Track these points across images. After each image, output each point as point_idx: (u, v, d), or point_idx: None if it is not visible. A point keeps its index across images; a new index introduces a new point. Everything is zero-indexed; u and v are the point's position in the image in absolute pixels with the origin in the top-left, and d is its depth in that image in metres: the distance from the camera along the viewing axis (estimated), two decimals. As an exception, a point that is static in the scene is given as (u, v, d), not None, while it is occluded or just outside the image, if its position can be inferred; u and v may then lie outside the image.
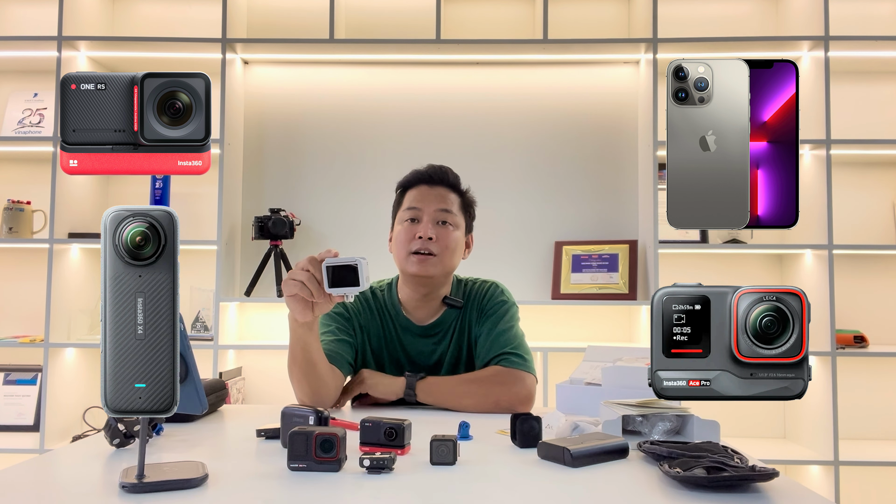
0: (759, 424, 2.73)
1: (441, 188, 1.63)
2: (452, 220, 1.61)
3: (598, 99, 2.83)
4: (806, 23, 2.60)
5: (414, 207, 1.60)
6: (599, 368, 1.41)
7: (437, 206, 1.60)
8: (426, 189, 1.62)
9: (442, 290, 1.64)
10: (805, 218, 2.60)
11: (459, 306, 1.64)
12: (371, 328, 1.64)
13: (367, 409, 1.55)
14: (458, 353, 1.64)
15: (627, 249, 2.66)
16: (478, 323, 1.64)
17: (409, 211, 1.61)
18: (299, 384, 1.45)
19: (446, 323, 1.64)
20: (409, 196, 1.64)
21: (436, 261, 1.57)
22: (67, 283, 2.61)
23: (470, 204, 1.69)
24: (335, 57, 2.79)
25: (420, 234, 1.57)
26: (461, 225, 1.64)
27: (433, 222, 1.59)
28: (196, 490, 0.89)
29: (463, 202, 1.66)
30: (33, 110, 2.78)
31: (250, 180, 2.83)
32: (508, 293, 1.70)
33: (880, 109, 2.77)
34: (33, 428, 2.62)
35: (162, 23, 2.87)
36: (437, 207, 1.60)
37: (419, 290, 1.62)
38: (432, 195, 1.61)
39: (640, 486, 0.93)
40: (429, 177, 1.63)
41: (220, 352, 2.53)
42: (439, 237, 1.58)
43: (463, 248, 1.66)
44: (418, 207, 1.60)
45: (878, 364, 2.69)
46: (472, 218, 1.70)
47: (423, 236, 1.57)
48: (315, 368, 1.43)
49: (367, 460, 0.97)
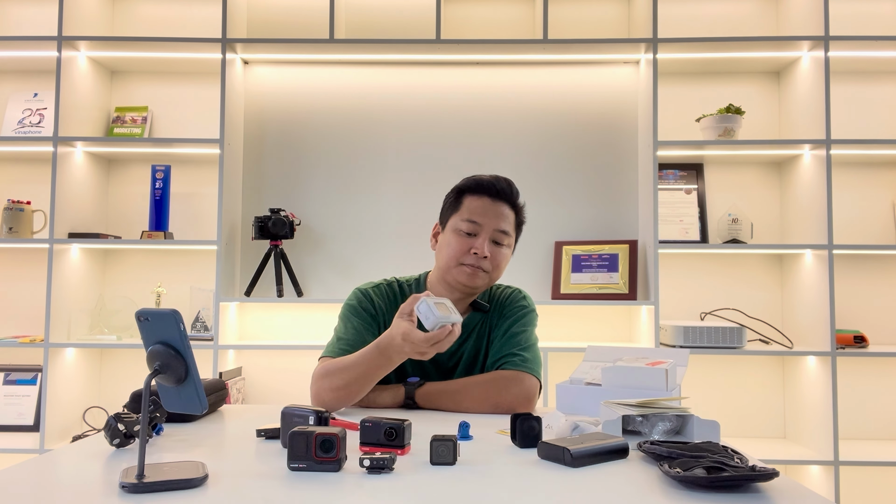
0: (759, 424, 2.73)
1: (503, 205, 1.60)
2: (508, 240, 1.60)
3: (598, 99, 2.83)
4: (806, 23, 2.60)
5: (474, 221, 1.57)
6: (599, 368, 1.41)
7: (496, 225, 1.57)
8: (489, 203, 1.59)
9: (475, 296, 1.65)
10: (805, 218, 2.60)
11: (486, 310, 1.65)
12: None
13: (367, 409, 1.55)
14: (475, 354, 1.64)
15: (627, 249, 2.66)
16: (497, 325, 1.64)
17: (468, 224, 1.57)
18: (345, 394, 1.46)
19: (471, 325, 1.64)
20: (468, 204, 1.59)
21: (485, 276, 1.58)
22: (67, 283, 2.61)
23: (522, 221, 1.67)
24: (335, 57, 2.79)
25: (476, 250, 1.55)
26: (512, 243, 1.64)
27: (490, 240, 1.57)
28: (196, 490, 0.89)
29: (517, 220, 1.65)
30: (33, 110, 2.78)
31: (250, 180, 2.83)
32: (530, 300, 1.70)
33: (880, 109, 2.77)
34: (33, 428, 2.62)
35: (162, 23, 2.87)
36: (496, 227, 1.57)
37: (456, 294, 1.62)
38: (493, 211, 1.58)
39: (640, 486, 0.93)
40: (494, 189, 1.59)
41: (220, 352, 2.53)
42: (493, 256, 1.57)
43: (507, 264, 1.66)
44: (478, 223, 1.57)
45: (878, 364, 2.70)
46: (520, 233, 1.69)
47: (480, 254, 1.55)
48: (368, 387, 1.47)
49: (367, 460, 0.97)
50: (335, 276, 2.80)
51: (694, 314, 2.75)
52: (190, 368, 0.93)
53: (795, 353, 2.50)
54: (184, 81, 2.87)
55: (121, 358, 2.80)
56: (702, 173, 2.78)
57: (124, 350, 2.76)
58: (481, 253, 1.55)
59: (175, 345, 0.94)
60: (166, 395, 0.97)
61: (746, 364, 2.74)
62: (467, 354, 1.63)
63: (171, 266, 2.81)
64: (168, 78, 2.88)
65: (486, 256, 1.56)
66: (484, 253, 1.55)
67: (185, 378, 0.94)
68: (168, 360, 0.93)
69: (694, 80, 2.83)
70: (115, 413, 1.13)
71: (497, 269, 1.59)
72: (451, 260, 1.58)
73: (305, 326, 2.78)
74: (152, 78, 2.88)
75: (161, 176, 2.69)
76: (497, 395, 1.49)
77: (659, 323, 2.52)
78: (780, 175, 2.80)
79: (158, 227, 2.68)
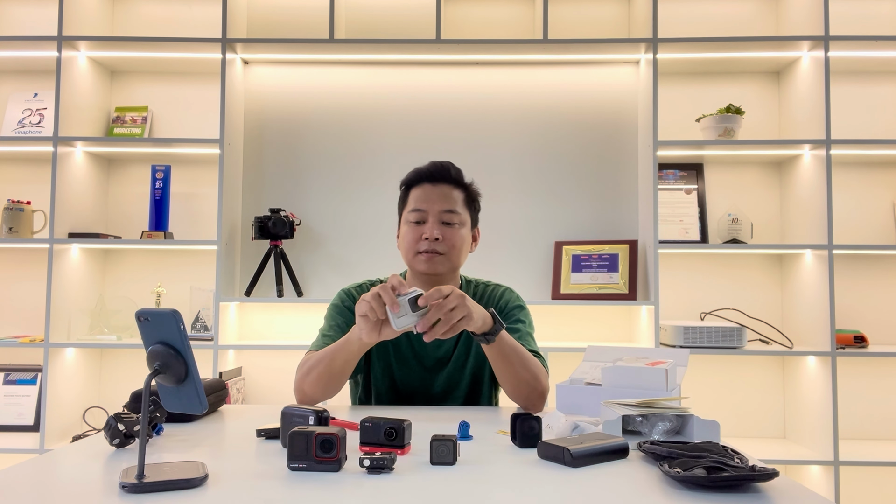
0: (759, 424, 2.73)
1: (444, 186, 1.63)
2: (457, 218, 1.61)
3: (598, 99, 2.83)
4: (806, 23, 2.60)
5: (418, 209, 1.61)
6: (599, 368, 1.41)
7: (441, 206, 1.60)
8: (429, 188, 1.62)
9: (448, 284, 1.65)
10: (805, 218, 2.60)
11: None
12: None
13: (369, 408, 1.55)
14: (466, 351, 1.64)
15: (627, 249, 2.66)
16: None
17: (415, 213, 1.61)
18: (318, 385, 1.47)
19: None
20: (413, 195, 1.64)
21: (443, 259, 1.59)
22: (67, 283, 2.61)
23: (474, 198, 1.69)
24: (335, 57, 2.79)
25: (426, 235, 1.58)
26: (466, 221, 1.65)
27: (438, 223, 1.59)
28: (196, 490, 0.89)
29: (467, 197, 1.66)
30: (33, 110, 2.78)
31: (250, 180, 2.84)
32: (522, 299, 1.72)
33: (880, 109, 2.77)
34: (33, 428, 2.62)
35: (162, 23, 2.87)
36: (441, 208, 1.60)
37: (428, 287, 1.62)
38: (436, 194, 1.61)
39: (640, 486, 0.93)
40: (431, 175, 1.63)
41: (220, 352, 2.53)
42: (445, 237, 1.59)
43: (469, 244, 1.67)
44: (423, 209, 1.60)
45: (878, 364, 2.70)
46: (476, 211, 1.70)
47: (430, 237, 1.58)
48: (343, 378, 1.48)
49: (367, 460, 0.97)
50: (335, 276, 2.80)
51: (694, 314, 2.75)
52: (190, 368, 0.93)
53: (795, 353, 2.49)
54: (184, 81, 2.87)
55: (121, 358, 2.80)
56: (702, 173, 2.78)
57: (124, 350, 2.76)
58: (431, 237, 1.57)
59: (175, 345, 0.94)
60: (166, 395, 0.97)
61: (746, 364, 2.74)
62: (457, 353, 1.63)
63: (171, 266, 2.81)
64: (168, 78, 2.88)
65: (438, 238, 1.57)
66: (434, 236, 1.57)
67: (185, 378, 0.94)
68: (168, 360, 0.93)
69: (694, 80, 2.83)
70: (115, 413, 1.13)
71: (454, 249, 1.60)
72: (408, 251, 1.61)
73: (305, 326, 2.78)
74: (152, 78, 2.88)
75: (161, 176, 2.69)
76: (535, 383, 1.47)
77: (659, 323, 2.52)
78: (780, 175, 2.80)
79: (158, 227, 2.68)
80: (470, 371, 1.64)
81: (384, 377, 1.64)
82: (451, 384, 1.64)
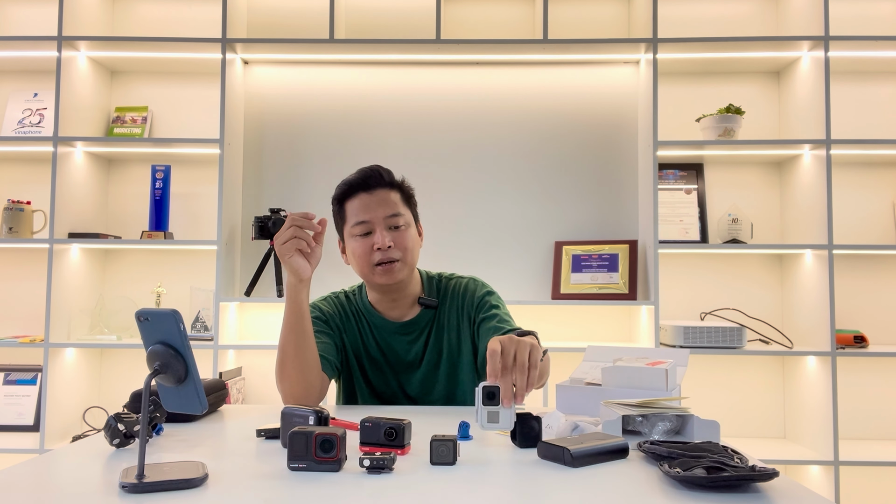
0: (759, 424, 2.73)
1: (380, 191, 1.58)
2: (402, 220, 1.58)
3: (598, 99, 2.83)
4: (806, 23, 2.60)
5: (362, 221, 1.56)
6: (599, 368, 1.41)
7: (383, 211, 1.56)
8: (366, 197, 1.57)
9: (410, 288, 1.64)
10: (805, 218, 2.60)
11: (434, 306, 1.63)
12: (347, 329, 1.65)
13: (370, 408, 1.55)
14: (438, 352, 1.63)
15: (627, 249, 2.66)
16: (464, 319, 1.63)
17: (359, 225, 1.56)
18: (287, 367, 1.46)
19: (422, 322, 1.63)
20: (351, 208, 1.59)
21: (400, 265, 1.56)
22: (67, 283, 2.61)
23: (410, 194, 1.65)
24: (335, 57, 2.79)
25: (378, 245, 1.54)
26: (411, 220, 1.62)
27: (386, 229, 1.56)
28: (196, 490, 0.89)
29: (403, 195, 1.62)
30: (33, 110, 2.78)
31: (250, 180, 2.83)
32: (487, 283, 1.70)
33: (880, 109, 2.77)
34: (33, 428, 2.62)
35: (162, 23, 2.87)
36: (384, 214, 1.56)
37: (389, 295, 1.62)
38: (375, 202, 1.57)
39: (640, 486, 0.93)
40: (364, 183, 1.58)
41: (220, 352, 2.53)
42: (396, 242, 1.56)
43: (419, 241, 1.64)
44: (366, 220, 1.56)
45: (878, 364, 2.70)
46: (415, 206, 1.67)
47: (382, 247, 1.54)
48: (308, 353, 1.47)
49: (367, 460, 0.97)
50: (335, 275, 2.80)
51: (694, 314, 2.75)
52: (190, 368, 0.93)
53: (795, 353, 2.49)
54: (184, 81, 2.87)
55: (121, 358, 2.80)
56: (702, 173, 2.78)
57: (124, 350, 2.76)
58: (384, 246, 1.54)
59: (175, 345, 0.94)
60: (166, 395, 0.97)
61: (746, 364, 2.74)
62: (429, 352, 1.62)
63: (171, 266, 2.81)
64: (168, 78, 2.88)
65: (391, 245, 1.55)
66: (385, 244, 1.54)
67: (185, 378, 0.94)
68: (168, 360, 0.93)
69: (694, 80, 2.83)
70: (115, 413, 1.13)
71: (407, 251, 1.57)
72: (363, 266, 1.57)
73: (305, 326, 2.77)
74: (152, 78, 2.88)
75: (161, 176, 2.69)
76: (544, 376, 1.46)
77: (659, 323, 2.52)
78: (780, 175, 2.80)
79: (158, 227, 2.68)
80: (445, 372, 1.62)
81: (363, 382, 1.65)
82: (426, 386, 1.63)
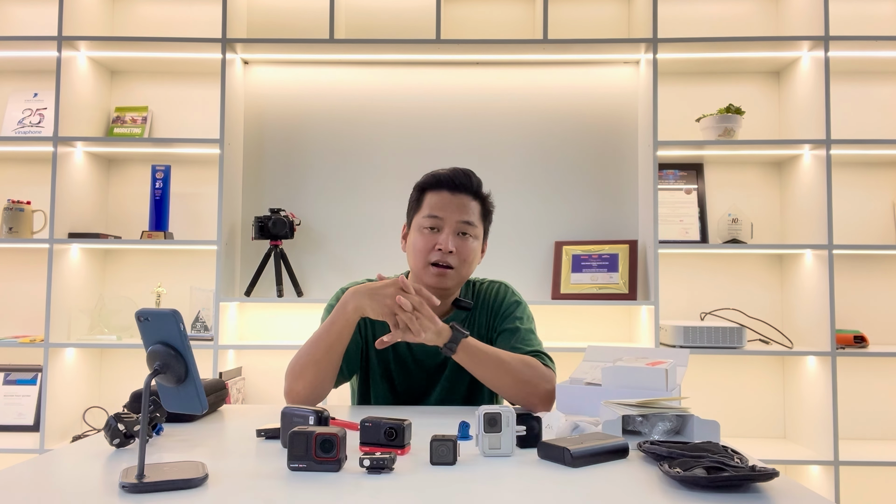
0: (759, 424, 2.73)
1: (464, 195, 1.56)
2: (473, 231, 1.56)
3: (598, 99, 2.83)
4: (806, 23, 2.60)
5: (435, 216, 1.54)
6: (599, 368, 1.40)
7: (459, 216, 1.54)
8: (448, 196, 1.55)
9: (452, 294, 1.63)
10: (805, 218, 2.60)
11: (469, 308, 1.62)
12: (377, 325, 1.61)
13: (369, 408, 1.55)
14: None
15: (627, 249, 2.66)
16: (491, 323, 1.63)
17: (430, 219, 1.55)
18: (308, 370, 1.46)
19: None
20: (429, 200, 1.56)
21: (453, 273, 1.55)
22: (67, 283, 2.61)
23: (489, 210, 1.64)
24: (335, 57, 2.79)
25: (440, 245, 1.53)
26: (480, 234, 1.60)
27: (454, 233, 1.54)
28: (196, 490, 0.89)
29: (483, 210, 1.61)
30: (33, 110, 2.78)
31: (250, 180, 2.83)
32: (518, 293, 1.69)
33: (880, 109, 2.77)
34: (33, 428, 2.62)
35: (162, 23, 2.87)
36: (459, 219, 1.54)
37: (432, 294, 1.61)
38: (454, 204, 1.55)
39: (640, 486, 0.93)
40: (452, 182, 1.56)
41: (220, 352, 2.53)
42: (459, 250, 1.54)
43: (479, 257, 1.62)
44: (440, 217, 1.54)
45: (878, 364, 2.70)
46: (489, 223, 1.66)
47: (444, 249, 1.52)
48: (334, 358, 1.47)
49: (367, 460, 0.97)
50: (335, 276, 2.80)
51: (694, 314, 2.75)
52: (190, 368, 0.93)
53: (795, 353, 2.49)
54: (184, 81, 2.87)
55: (121, 358, 2.80)
56: (702, 173, 2.78)
57: (124, 350, 2.76)
58: (445, 248, 1.52)
59: (175, 345, 0.94)
60: (166, 395, 0.97)
61: (746, 364, 2.74)
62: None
63: (171, 266, 2.81)
64: (168, 78, 2.87)
65: (452, 251, 1.53)
66: (448, 248, 1.52)
67: (185, 378, 0.94)
68: (168, 360, 0.93)
69: (694, 80, 2.83)
70: (115, 413, 1.13)
71: (465, 263, 1.56)
72: (418, 259, 1.56)
73: (305, 326, 2.77)
74: (152, 78, 2.88)
75: (161, 176, 2.69)
76: (536, 384, 1.44)
77: (659, 323, 2.52)
78: (780, 175, 2.80)
79: (158, 227, 2.68)
80: (468, 377, 1.61)
81: (383, 381, 1.63)
82: (449, 390, 1.62)
